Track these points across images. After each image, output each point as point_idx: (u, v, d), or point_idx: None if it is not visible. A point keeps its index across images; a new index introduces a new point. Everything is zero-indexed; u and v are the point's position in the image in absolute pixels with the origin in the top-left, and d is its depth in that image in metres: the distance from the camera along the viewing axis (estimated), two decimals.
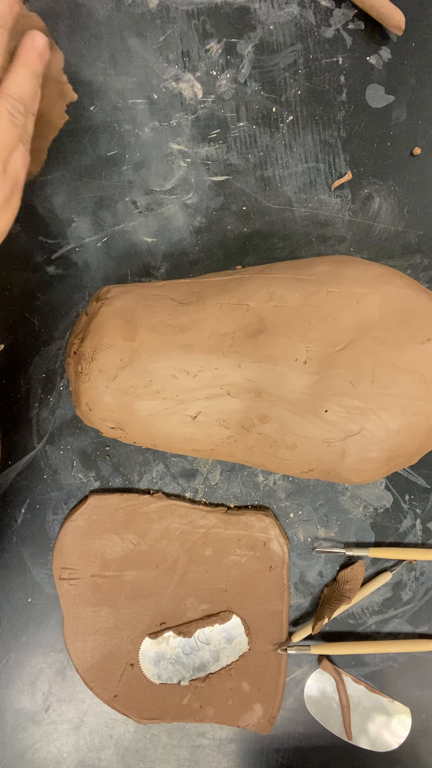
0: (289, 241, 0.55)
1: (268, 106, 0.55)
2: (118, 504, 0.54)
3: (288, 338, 0.44)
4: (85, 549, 0.54)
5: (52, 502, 0.55)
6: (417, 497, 0.56)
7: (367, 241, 0.56)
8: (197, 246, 0.55)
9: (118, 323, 0.47)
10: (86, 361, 0.47)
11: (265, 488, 0.55)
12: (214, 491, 0.55)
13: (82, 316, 0.50)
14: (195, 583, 0.54)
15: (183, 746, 0.56)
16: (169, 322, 0.46)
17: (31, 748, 0.56)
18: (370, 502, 0.55)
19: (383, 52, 0.56)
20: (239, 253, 0.55)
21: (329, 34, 0.55)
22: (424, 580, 0.56)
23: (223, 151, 0.55)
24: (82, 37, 0.54)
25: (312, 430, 0.44)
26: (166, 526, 0.54)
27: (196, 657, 0.54)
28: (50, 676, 0.56)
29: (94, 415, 0.48)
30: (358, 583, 0.54)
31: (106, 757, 0.56)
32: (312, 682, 0.55)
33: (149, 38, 0.55)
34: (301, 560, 0.56)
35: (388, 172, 0.56)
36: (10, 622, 0.55)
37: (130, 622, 0.54)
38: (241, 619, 0.54)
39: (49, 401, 0.55)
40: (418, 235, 0.56)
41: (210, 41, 0.55)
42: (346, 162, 0.56)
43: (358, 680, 0.55)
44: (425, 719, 0.56)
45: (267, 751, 0.56)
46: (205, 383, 0.45)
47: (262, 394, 0.45)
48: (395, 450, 0.44)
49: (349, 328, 0.44)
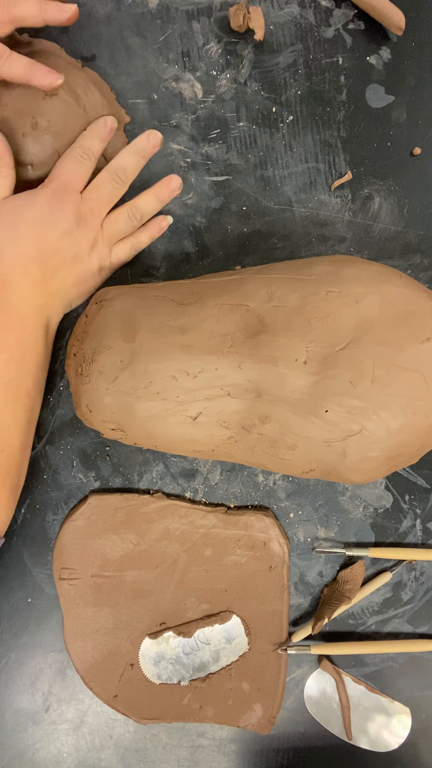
0: (289, 241, 0.55)
1: (268, 106, 0.55)
2: (118, 504, 0.54)
3: (288, 338, 0.44)
4: (85, 549, 0.54)
5: (52, 502, 0.55)
6: (417, 497, 0.56)
7: (367, 241, 0.56)
8: (197, 246, 0.55)
9: (118, 325, 0.47)
10: (86, 363, 0.47)
11: (265, 488, 0.55)
12: (214, 491, 0.55)
13: (82, 318, 0.50)
14: (195, 583, 0.54)
15: (183, 746, 0.56)
16: (168, 323, 0.46)
17: (31, 748, 0.56)
18: (370, 502, 0.56)
19: (383, 52, 0.56)
20: (239, 253, 0.55)
21: (329, 34, 0.55)
22: (424, 580, 0.56)
23: (223, 151, 0.55)
24: (82, 37, 0.54)
25: (312, 430, 0.44)
26: (166, 526, 0.54)
27: (196, 657, 0.54)
28: (50, 676, 0.56)
29: (94, 417, 0.48)
30: (358, 583, 0.54)
31: (106, 757, 0.56)
32: (312, 682, 0.55)
33: (149, 38, 0.55)
34: (301, 560, 0.56)
35: (388, 172, 0.56)
36: (10, 622, 0.55)
37: (130, 622, 0.54)
38: (241, 619, 0.54)
39: (49, 401, 0.55)
40: (418, 235, 0.56)
41: (210, 41, 0.55)
42: (346, 162, 0.56)
43: (358, 680, 0.55)
44: (425, 719, 0.56)
45: (267, 751, 0.56)
46: (205, 384, 0.45)
47: (263, 395, 0.45)
48: (396, 449, 0.44)
49: (348, 328, 0.44)
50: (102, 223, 0.49)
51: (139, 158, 0.50)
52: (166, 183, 0.51)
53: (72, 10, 0.47)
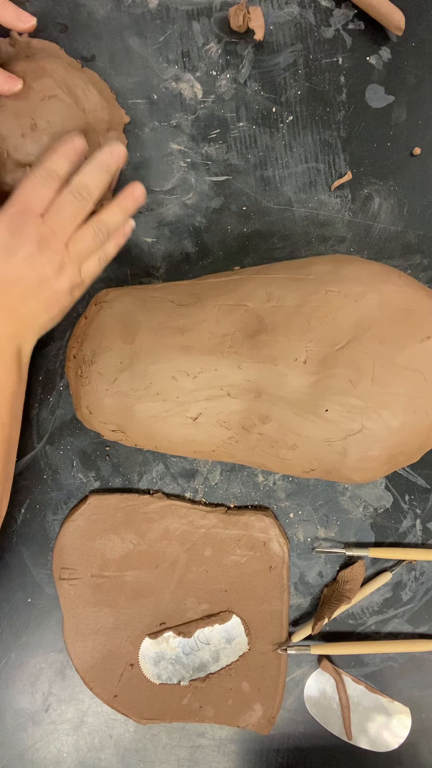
0: (289, 241, 0.55)
1: (268, 106, 0.55)
2: (118, 504, 0.54)
3: (287, 338, 0.44)
4: (85, 549, 0.54)
5: (52, 502, 0.55)
6: (417, 497, 0.56)
7: (367, 241, 0.56)
8: (197, 246, 0.55)
9: (117, 326, 0.47)
10: (86, 365, 0.47)
11: (265, 488, 0.55)
12: (214, 491, 0.55)
13: (81, 319, 0.50)
14: (195, 583, 0.54)
15: (183, 746, 0.56)
16: (168, 324, 0.46)
17: (31, 748, 0.56)
18: (370, 502, 0.55)
19: (383, 52, 0.56)
20: (239, 253, 0.55)
21: (329, 34, 0.55)
22: (424, 580, 0.56)
23: (223, 151, 0.55)
24: (82, 37, 0.54)
25: (313, 429, 0.44)
26: (166, 526, 0.54)
27: (196, 657, 0.54)
28: (50, 676, 0.56)
29: (94, 418, 0.48)
30: (358, 583, 0.54)
31: (106, 757, 0.56)
32: (312, 682, 0.55)
33: (149, 38, 0.55)
34: (301, 560, 0.56)
35: (388, 172, 0.56)
36: (10, 622, 0.55)
37: (130, 622, 0.54)
38: (241, 619, 0.54)
39: (49, 401, 0.55)
40: (418, 235, 0.56)
41: (210, 41, 0.55)
42: (346, 162, 0.56)
43: (358, 680, 0.55)
44: (425, 719, 0.56)
45: (267, 751, 0.56)
46: (205, 384, 0.45)
47: (263, 395, 0.45)
48: (396, 448, 0.44)
49: (348, 327, 0.44)
50: (67, 243, 0.46)
51: (103, 173, 0.47)
52: (130, 193, 0.49)
53: (31, 22, 0.49)
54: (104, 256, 0.49)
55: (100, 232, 0.48)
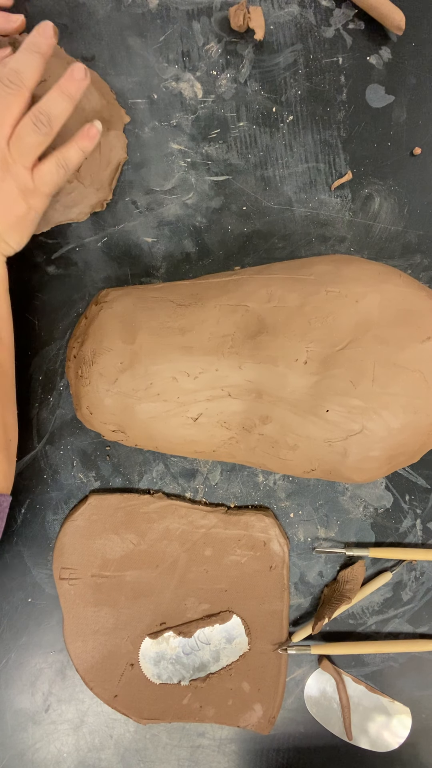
0: (289, 241, 0.55)
1: (268, 106, 0.55)
2: (118, 504, 0.54)
3: (288, 338, 0.44)
4: (85, 549, 0.54)
5: (52, 502, 0.55)
6: (417, 497, 0.56)
7: (367, 241, 0.56)
8: (197, 246, 0.55)
9: (118, 326, 0.47)
10: (86, 365, 0.47)
11: (265, 488, 0.55)
12: (214, 491, 0.55)
13: (82, 319, 0.50)
14: (195, 583, 0.54)
15: (183, 746, 0.56)
16: (168, 325, 0.46)
17: (31, 748, 0.56)
18: (371, 502, 0.55)
19: (383, 52, 0.56)
20: (239, 253, 0.55)
21: (329, 34, 0.55)
22: (424, 580, 0.56)
23: (223, 151, 0.55)
24: (82, 37, 0.54)
25: (313, 430, 0.44)
26: (166, 526, 0.54)
27: (196, 657, 0.54)
28: (50, 676, 0.56)
29: (95, 419, 0.48)
30: (358, 583, 0.54)
31: (106, 757, 0.56)
32: (312, 682, 0.55)
33: (149, 38, 0.55)
34: (301, 560, 0.56)
35: (388, 172, 0.56)
36: (10, 622, 0.55)
37: (130, 622, 0.54)
38: (241, 619, 0.54)
39: (49, 401, 0.55)
40: (418, 235, 0.56)
41: (210, 41, 0.55)
42: (346, 162, 0.56)
43: (358, 680, 0.55)
44: (425, 719, 0.56)
45: (267, 751, 0.56)
46: (205, 385, 0.45)
47: (263, 395, 0.45)
48: (397, 448, 0.44)
49: (348, 328, 0.44)
50: (8, 141, 0.44)
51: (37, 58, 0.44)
52: (69, 75, 0.45)
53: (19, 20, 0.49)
54: (63, 160, 0.46)
55: (39, 121, 0.44)
